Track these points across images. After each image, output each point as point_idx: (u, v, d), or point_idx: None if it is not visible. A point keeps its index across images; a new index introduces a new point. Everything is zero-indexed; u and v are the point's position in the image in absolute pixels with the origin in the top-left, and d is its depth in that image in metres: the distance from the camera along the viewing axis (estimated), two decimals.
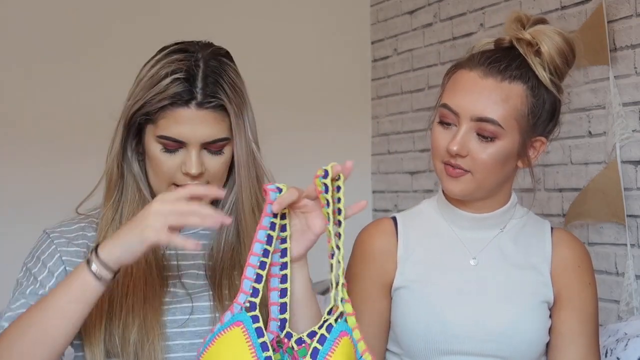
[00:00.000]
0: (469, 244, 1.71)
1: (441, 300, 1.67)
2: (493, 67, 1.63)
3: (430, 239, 1.73)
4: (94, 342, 1.46)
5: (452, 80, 1.68)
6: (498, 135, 1.62)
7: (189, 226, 1.38)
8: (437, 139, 1.66)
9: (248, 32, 3.53)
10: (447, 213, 1.74)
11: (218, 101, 1.45)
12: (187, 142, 1.45)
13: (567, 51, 1.67)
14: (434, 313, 1.66)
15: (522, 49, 1.65)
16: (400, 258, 1.71)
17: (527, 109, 1.63)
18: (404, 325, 1.68)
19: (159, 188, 1.50)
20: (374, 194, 3.75)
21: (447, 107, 1.65)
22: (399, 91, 3.54)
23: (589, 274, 1.73)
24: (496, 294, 1.67)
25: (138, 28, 3.30)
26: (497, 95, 1.61)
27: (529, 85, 1.64)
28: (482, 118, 1.61)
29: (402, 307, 1.69)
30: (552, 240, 1.73)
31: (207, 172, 1.47)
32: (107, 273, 1.33)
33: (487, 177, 1.64)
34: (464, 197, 1.68)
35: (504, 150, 1.63)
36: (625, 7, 2.42)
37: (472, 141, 1.62)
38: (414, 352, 1.68)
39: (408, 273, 1.70)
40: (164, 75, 1.45)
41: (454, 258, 1.71)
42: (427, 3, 3.38)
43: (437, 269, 1.70)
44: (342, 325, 1.31)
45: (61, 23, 3.32)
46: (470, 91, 1.63)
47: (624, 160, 2.42)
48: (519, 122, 1.63)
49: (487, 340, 1.65)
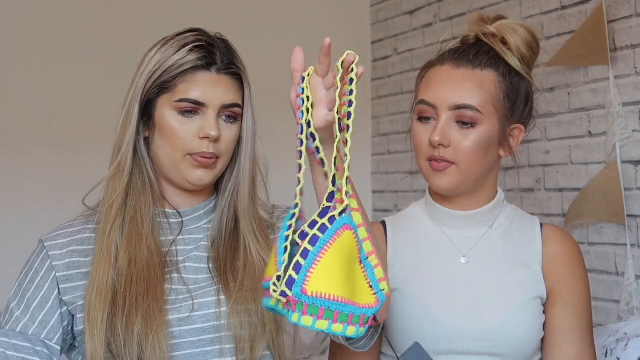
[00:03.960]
0: (458, 243, 1.72)
1: (432, 300, 1.67)
2: (463, 58, 1.68)
3: (419, 241, 1.74)
4: (96, 333, 1.46)
5: (425, 79, 1.72)
6: (477, 120, 1.64)
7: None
8: (418, 135, 1.70)
9: (248, 32, 3.53)
10: (434, 214, 1.75)
11: (236, 69, 1.52)
12: (207, 103, 1.48)
13: (531, 40, 1.72)
14: (426, 314, 1.66)
15: (489, 40, 1.70)
16: (389, 261, 1.72)
17: (502, 93, 1.67)
18: (397, 328, 1.68)
19: (174, 159, 1.50)
20: (374, 194, 3.75)
21: (424, 102, 1.68)
22: (399, 91, 3.55)
23: (580, 268, 1.73)
24: (488, 291, 1.68)
25: (138, 27, 3.30)
26: (471, 83, 1.65)
27: (500, 72, 1.68)
28: (460, 105, 1.64)
29: (394, 309, 1.69)
30: (542, 236, 1.74)
31: (221, 141, 1.50)
32: None
33: (471, 166, 1.65)
34: (451, 191, 1.69)
35: (485, 136, 1.65)
36: (625, 7, 2.42)
37: (453, 131, 1.65)
38: None
39: (398, 275, 1.71)
40: (184, 44, 1.50)
41: (444, 257, 1.71)
42: (427, 3, 3.38)
43: (427, 270, 1.71)
44: (347, 219, 1.26)
45: (60, 22, 3.32)
46: (444, 83, 1.67)
47: (624, 160, 2.42)
48: (496, 106, 1.66)
49: (480, 339, 1.65)
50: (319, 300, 1.20)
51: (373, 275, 1.27)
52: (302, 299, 1.20)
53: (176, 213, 1.55)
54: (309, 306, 1.20)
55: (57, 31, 3.30)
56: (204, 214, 1.57)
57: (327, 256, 1.21)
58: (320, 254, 1.22)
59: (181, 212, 1.56)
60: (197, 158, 1.48)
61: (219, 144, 1.50)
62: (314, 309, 1.20)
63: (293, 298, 1.20)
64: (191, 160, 1.49)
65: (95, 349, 1.46)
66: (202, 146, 1.48)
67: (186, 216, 1.55)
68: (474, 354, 1.65)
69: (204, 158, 1.48)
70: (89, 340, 1.46)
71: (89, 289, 1.48)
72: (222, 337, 1.50)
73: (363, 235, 1.27)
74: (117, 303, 1.46)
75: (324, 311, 1.20)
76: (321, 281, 1.20)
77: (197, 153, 1.48)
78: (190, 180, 1.50)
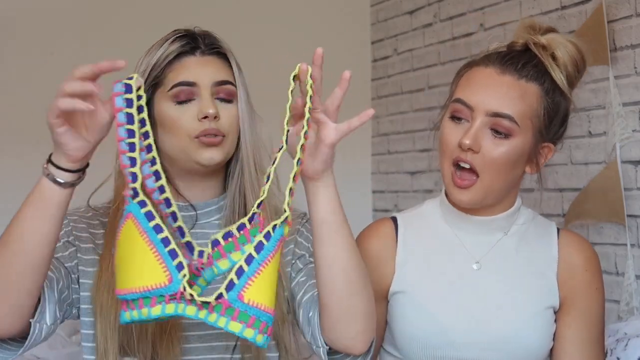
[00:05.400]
0: (471, 248, 1.68)
1: (440, 307, 1.64)
2: (510, 65, 1.62)
3: (431, 243, 1.70)
4: (109, 334, 1.46)
5: (465, 77, 1.65)
6: (512, 132, 1.59)
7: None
8: (447, 135, 1.62)
9: (248, 32, 3.53)
10: (449, 216, 1.70)
11: (220, 49, 1.55)
12: (198, 82, 1.50)
13: (579, 60, 1.67)
14: (432, 319, 1.64)
15: (538, 51, 1.64)
16: (398, 263, 1.69)
17: (543, 109, 1.61)
18: (401, 330, 1.66)
19: (181, 146, 1.51)
20: (374, 194, 3.75)
21: (462, 101, 1.61)
22: (399, 91, 3.54)
23: (597, 278, 1.69)
24: (498, 301, 1.64)
25: (137, 29, 3.30)
26: (515, 92, 1.59)
27: (545, 87, 1.62)
28: (498, 113, 1.58)
29: (400, 311, 1.67)
30: (559, 243, 1.69)
31: (222, 120, 1.50)
32: (57, 170, 1.32)
33: (495, 179, 1.60)
34: (473, 205, 1.64)
35: (516, 150, 1.60)
36: (625, 7, 2.42)
37: (486, 138, 1.59)
38: (411, 356, 1.66)
39: (406, 277, 1.68)
40: (165, 39, 1.54)
41: (456, 263, 1.68)
42: (427, 3, 3.38)
43: (437, 274, 1.67)
44: (283, 230, 1.26)
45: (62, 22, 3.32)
46: (487, 86, 1.60)
47: (624, 160, 2.42)
48: (534, 122, 1.61)
49: (486, 349, 1.62)
50: (252, 309, 1.21)
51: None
52: (235, 305, 1.21)
53: (189, 206, 1.55)
54: (240, 313, 1.21)
55: (59, 30, 3.30)
56: (216, 210, 1.57)
57: (269, 266, 1.23)
58: (265, 263, 1.23)
59: (194, 204, 1.56)
60: (202, 139, 1.49)
61: (220, 122, 1.50)
62: (246, 316, 1.21)
63: (227, 302, 1.21)
64: (198, 143, 1.49)
65: (107, 347, 1.46)
66: (204, 125, 1.49)
67: (198, 209, 1.56)
68: None
69: (208, 137, 1.49)
70: (101, 338, 1.47)
71: (99, 287, 1.48)
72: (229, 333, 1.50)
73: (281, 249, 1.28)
74: None
75: (254, 320, 1.22)
76: (259, 291, 1.21)
77: (201, 132, 1.49)
78: (201, 160, 1.50)
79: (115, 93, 1.28)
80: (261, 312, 1.22)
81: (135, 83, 1.29)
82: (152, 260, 1.25)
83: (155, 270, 1.24)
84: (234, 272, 1.23)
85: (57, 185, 1.31)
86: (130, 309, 1.25)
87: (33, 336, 1.39)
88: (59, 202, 1.32)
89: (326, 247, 1.36)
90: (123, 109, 1.28)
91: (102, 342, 1.47)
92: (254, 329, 1.22)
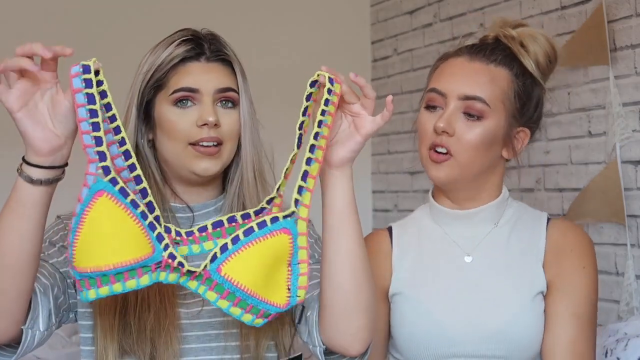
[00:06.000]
0: (462, 242, 1.71)
1: (436, 303, 1.66)
2: (479, 52, 1.69)
3: (423, 244, 1.73)
4: (108, 335, 1.46)
5: (438, 69, 1.72)
6: (484, 114, 1.64)
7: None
8: (423, 123, 1.69)
9: (248, 32, 3.53)
10: (436, 215, 1.73)
11: (225, 56, 1.54)
12: (201, 89, 1.49)
13: (550, 51, 1.73)
14: (430, 317, 1.65)
15: (507, 41, 1.71)
16: (395, 266, 1.72)
17: (513, 92, 1.67)
18: (401, 332, 1.68)
19: (176, 152, 1.50)
20: (373, 194, 3.76)
21: (435, 90, 1.68)
22: (399, 91, 3.55)
23: (584, 257, 1.68)
24: (492, 292, 1.66)
25: (135, 30, 3.30)
26: (484, 77, 1.66)
27: (514, 71, 1.68)
28: (469, 96, 1.64)
29: (399, 313, 1.69)
30: (547, 230, 1.71)
31: (222, 127, 1.50)
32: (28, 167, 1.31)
33: (470, 160, 1.64)
34: (448, 183, 1.67)
35: (490, 131, 1.64)
36: (625, 7, 2.42)
37: (459, 121, 1.64)
38: (413, 358, 1.67)
39: (402, 279, 1.70)
40: (171, 42, 1.53)
41: (448, 258, 1.70)
42: (427, 3, 3.38)
43: (431, 272, 1.69)
44: (289, 223, 1.32)
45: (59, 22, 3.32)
46: (457, 73, 1.67)
47: (624, 160, 2.43)
48: (505, 104, 1.66)
49: (484, 341, 1.63)
50: (227, 282, 1.29)
51: (296, 281, 1.33)
52: (213, 276, 1.29)
53: (186, 207, 1.55)
54: (217, 284, 1.29)
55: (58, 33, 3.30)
56: (214, 211, 1.57)
57: (252, 249, 1.30)
58: (248, 244, 1.30)
59: (191, 206, 1.56)
60: (198, 148, 1.48)
61: (220, 129, 1.50)
62: (221, 288, 1.29)
63: (208, 272, 1.29)
64: (193, 151, 1.48)
65: (107, 347, 1.46)
66: (202, 133, 1.48)
67: (196, 211, 1.56)
68: (477, 357, 1.64)
69: (205, 147, 1.49)
70: (100, 337, 1.46)
71: None
72: (228, 334, 1.50)
73: (302, 244, 1.33)
74: (129, 300, 1.46)
75: (228, 293, 1.29)
76: (236, 268, 1.29)
77: (198, 140, 1.48)
78: (195, 171, 1.50)
79: (73, 74, 1.27)
80: (235, 287, 1.29)
81: (93, 64, 1.28)
82: (139, 232, 1.28)
83: (142, 242, 1.28)
84: (219, 248, 1.30)
85: (30, 183, 1.30)
86: (95, 286, 1.26)
87: (25, 343, 1.38)
88: (33, 201, 1.30)
89: (337, 237, 1.39)
90: (82, 89, 1.27)
91: (101, 343, 1.47)
92: (228, 301, 1.30)
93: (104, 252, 1.26)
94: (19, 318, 1.36)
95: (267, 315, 1.32)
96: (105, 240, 1.26)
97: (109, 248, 1.26)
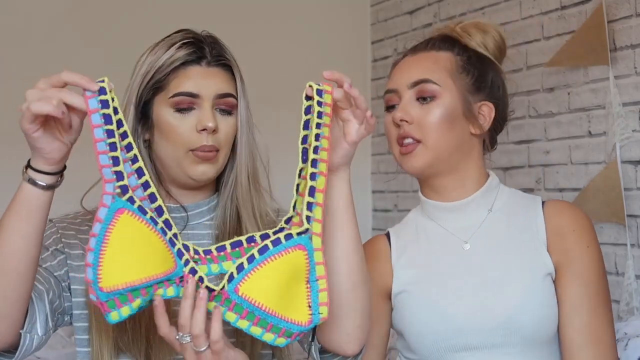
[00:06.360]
0: (458, 232, 1.71)
1: (440, 295, 1.66)
2: (420, 46, 1.76)
3: (421, 241, 1.74)
4: (103, 333, 1.46)
5: (390, 74, 1.79)
6: (436, 94, 1.67)
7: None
8: (387, 123, 1.73)
9: (248, 32, 3.53)
10: (430, 211, 1.74)
11: (226, 61, 1.54)
12: (201, 94, 1.49)
13: (498, 38, 1.76)
14: (436, 311, 1.65)
15: (449, 32, 1.76)
16: (395, 268, 1.72)
17: (459, 67, 1.70)
18: (411, 330, 1.67)
19: (176, 156, 1.51)
20: (373, 194, 3.76)
21: (388, 90, 1.74)
22: None
23: (586, 236, 1.69)
24: (495, 277, 1.65)
25: (134, 29, 3.30)
26: (427, 61, 1.71)
27: (455, 52, 1.72)
28: (417, 81, 1.69)
29: (406, 311, 1.68)
30: (544, 211, 1.71)
31: (219, 133, 1.51)
32: (36, 174, 1.33)
33: (437, 141, 1.66)
34: (425, 170, 1.69)
35: (446, 109, 1.67)
36: (625, 7, 2.42)
37: (415, 108, 1.68)
38: (426, 353, 1.66)
39: (404, 277, 1.71)
40: (172, 43, 1.53)
41: (447, 249, 1.70)
42: (427, 3, 3.39)
43: (431, 266, 1.70)
44: (304, 240, 1.32)
45: (58, 22, 3.32)
46: (403, 68, 1.74)
47: (624, 160, 2.43)
48: (455, 80, 1.69)
49: (493, 329, 1.61)
50: (245, 302, 1.29)
51: (317, 298, 1.32)
52: (232, 297, 1.29)
53: (179, 208, 1.55)
54: (236, 304, 1.29)
55: (56, 32, 3.30)
56: (207, 211, 1.57)
57: (268, 267, 1.30)
58: (263, 262, 1.30)
59: (185, 206, 1.56)
60: (198, 153, 1.49)
61: (217, 136, 1.50)
62: (240, 308, 1.29)
63: (226, 293, 1.29)
64: (193, 157, 1.49)
65: (102, 347, 1.46)
66: (201, 139, 1.49)
67: (189, 211, 1.56)
68: (488, 347, 1.62)
69: (204, 152, 1.49)
70: (96, 336, 1.47)
71: None
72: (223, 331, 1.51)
73: (318, 259, 1.32)
74: None
75: (247, 313, 1.29)
76: (254, 287, 1.29)
77: (198, 148, 1.49)
78: (193, 176, 1.51)
79: (89, 96, 1.29)
80: (254, 306, 1.29)
81: (107, 85, 1.30)
82: (163, 247, 1.29)
83: (167, 256, 1.29)
84: (235, 267, 1.30)
85: (39, 189, 1.32)
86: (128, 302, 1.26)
87: (24, 347, 1.39)
88: (40, 204, 1.33)
89: (334, 238, 1.41)
90: (98, 110, 1.29)
91: (97, 343, 1.47)
92: (248, 320, 1.29)
93: (134, 267, 1.26)
94: (18, 322, 1.37)
95: (289, 334, 1.31)
96: (133, 256, 1.26)
97: (139, 263, 1.26)
